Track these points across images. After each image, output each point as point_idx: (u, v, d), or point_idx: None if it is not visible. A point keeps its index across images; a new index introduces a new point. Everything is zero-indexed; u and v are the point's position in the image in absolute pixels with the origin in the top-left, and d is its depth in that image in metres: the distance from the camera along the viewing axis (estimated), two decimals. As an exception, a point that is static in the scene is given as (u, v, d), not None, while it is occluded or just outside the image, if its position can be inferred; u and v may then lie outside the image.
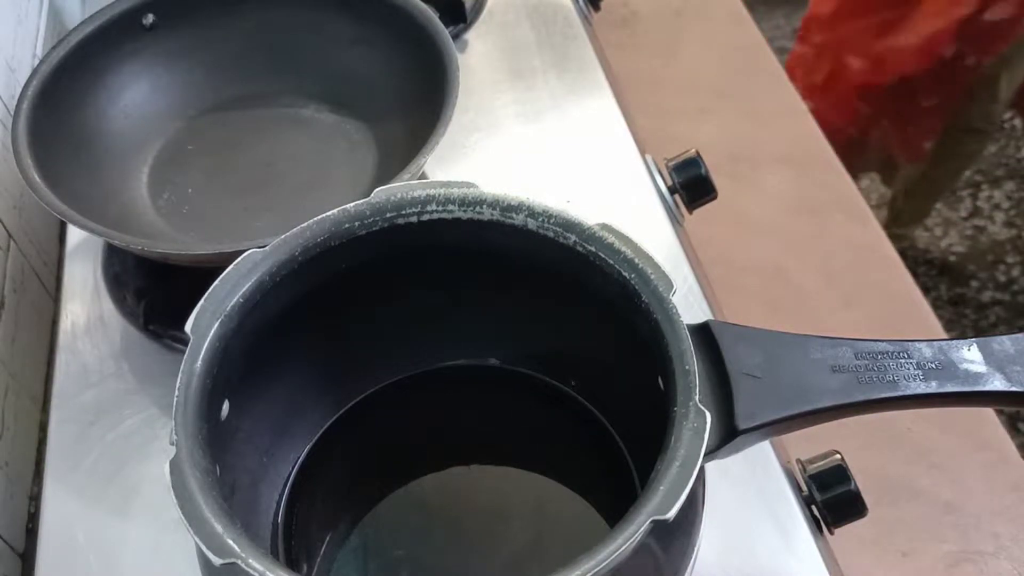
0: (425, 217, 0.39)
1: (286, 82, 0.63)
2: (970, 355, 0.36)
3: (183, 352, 0.35)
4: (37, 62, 0.59)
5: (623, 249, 0.36)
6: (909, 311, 0.77)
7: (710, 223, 0.67)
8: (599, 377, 0.44)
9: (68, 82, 0.57)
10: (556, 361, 0.45)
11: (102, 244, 0.59)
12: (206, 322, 0.35)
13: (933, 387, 0.36)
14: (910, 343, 0.37)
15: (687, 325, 0.35)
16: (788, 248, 0.81)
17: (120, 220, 0.55)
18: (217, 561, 0.30)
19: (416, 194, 0.39)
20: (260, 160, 0.61)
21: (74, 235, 0.62)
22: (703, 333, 0.37)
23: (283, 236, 0.38)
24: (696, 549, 0.37)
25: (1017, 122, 1.83)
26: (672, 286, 0.35)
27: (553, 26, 0.73)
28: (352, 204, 0.39)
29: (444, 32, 0.57)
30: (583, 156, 0.65)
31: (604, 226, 0.37)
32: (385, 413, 0.46)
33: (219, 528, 0.30)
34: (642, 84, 0.81)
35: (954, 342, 0.37)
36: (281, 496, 0.43)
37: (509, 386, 0.47)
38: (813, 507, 0.47)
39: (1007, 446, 0.67)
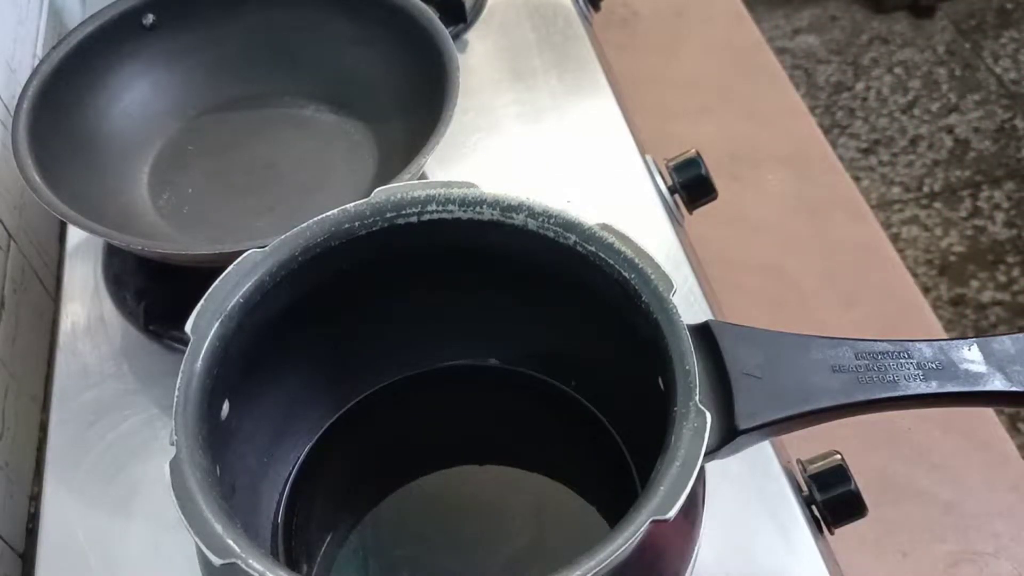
0: (425, 217, 0.39)
1: (286, 82, 0.63)
2: (970, 355, 0.36)
3: (183, 352, 0.35)
4: (37, 62, 0.59)
5: (623, 249, 0.36)
6: (909, 311, 0.77)
7: (710, 223, 0.67)
8: (599, 377, 0.44)
9: (68, 82, 0.57)
10: (556, 361, 0.45)
11: (102, 244, 0.59)
12: (206, 322, 0.35)
13: (933, 387, 0.36)
14: (910, 343, 0.37)
15: (687, 325, 0.35)
16: (788, 248, 0.81)
17: (120, 220, 0.55)
18: (217, 561, 0.30)
19: (416, 194, 0.39)
20: (260, 160, 0.61)
21: (74, 235, 0.62)
22: (703, 333, 0.37)
23: (283, 236, 0.38)
24: (696, 549, 0.37)
25: (1018, 122, 1.83)
26: (672, 286, 0.35)
27: (553, 26, 0.73)
28: (352, 204, 0.39)
29: (444, 32, 0.57)
30: (583, 156, 0.65)
31: (604, 226, 0.37)
32: (385, 413, 0.46)
33: (219, 528, 0.30)
34: (642, 84, 0.81)
35: (954, 342, 0.37)
36: (281, 496, 0.43)
37: (509, 386, 0.47)
38: (813, 507, 0.47)
39: (1007, 446, 0.67)
